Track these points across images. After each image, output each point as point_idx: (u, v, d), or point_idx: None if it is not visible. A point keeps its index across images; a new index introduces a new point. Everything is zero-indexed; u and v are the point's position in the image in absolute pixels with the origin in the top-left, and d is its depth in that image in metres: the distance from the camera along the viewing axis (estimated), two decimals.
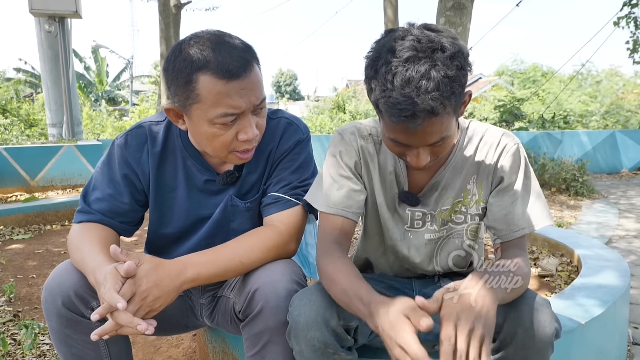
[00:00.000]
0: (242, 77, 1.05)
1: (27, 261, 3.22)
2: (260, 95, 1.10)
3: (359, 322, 1.12)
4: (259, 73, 1.10)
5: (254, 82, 1.07)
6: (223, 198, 1.26)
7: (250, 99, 1.07)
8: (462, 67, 0.91)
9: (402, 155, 1.04)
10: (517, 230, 1.12)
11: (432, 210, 1.19)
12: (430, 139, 0.96)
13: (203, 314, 1.37)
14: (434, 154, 1.02)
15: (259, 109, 1.11)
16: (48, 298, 1.12)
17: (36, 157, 5.51)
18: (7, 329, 2.16)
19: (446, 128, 0.95)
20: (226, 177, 1.23)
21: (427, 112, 0.89)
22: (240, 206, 1.25)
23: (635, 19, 6.81)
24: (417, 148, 0.99)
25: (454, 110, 0.95)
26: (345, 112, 14.78)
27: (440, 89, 0.88)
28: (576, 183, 5.99)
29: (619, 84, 14.88)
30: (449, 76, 0.89)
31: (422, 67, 0.88)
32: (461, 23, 2.54)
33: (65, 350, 1.16)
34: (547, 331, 0.96)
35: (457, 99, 0.93)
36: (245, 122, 1.10)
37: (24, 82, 16.94)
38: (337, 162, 1.17)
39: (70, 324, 1.12)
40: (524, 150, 1.15)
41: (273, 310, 1.06)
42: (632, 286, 2.49)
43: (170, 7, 7.64)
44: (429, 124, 0.92)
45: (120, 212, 1.23)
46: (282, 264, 1.15)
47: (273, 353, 1.09)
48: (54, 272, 1.15)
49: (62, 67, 6.86)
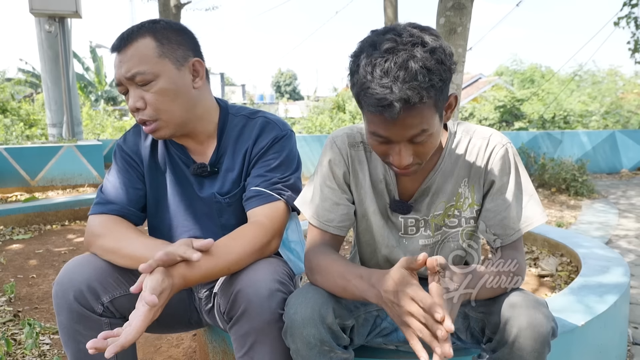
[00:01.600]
0: (121, 51, 1.14)
1: (27, 261, 3.22)
2: (132, 67, 1.13)
3: (355, 322, 1.13)
4: (142, 47, 1.14)
5: (129, 55, 1.14)
6: (207, 192, 1.29)
7: (121, 71, 1.14)
8: (442, 62, 0.92)
9: (386, 155, 1.03)
10: (513, 234, 1.12)
11: (425, 216, 1.18)
12: (409, 132, 0.95)
13: (202, 308, 1.38)
14: (417, 154, 1.00)
15: (139, 84, 1.14)
16: (59, 292, 1.14)
17: (36, 157, 5.52)
18: (7, 329, 2.16)
19: (427, 122, 0.95)
20: (197, 168, 1.28)
21: (404, 102, 0.89)
22: (222, 202, 1.28)
23: (636, 18, 6.80)
24: (398, 144, 0.98)
25: (435, 105, 0.95)
26: (345, 112, 14.77)
27: (418, 79, 0.89)
28: (576, 183, 5.99)
29: (619, 84, 14.88)
30: (427, 67, 0.90)
31: (399, 59, 0.89)
32: (461, 23, 2.54)
33: (73, 347, 1.17)
34: (543, 330, 0.96)
35: (437, 93, 0.93)
36: (129, 92, 1.16)
37: (24, 82, 16.92)
38: (325, 171, 1.19)
39: (80, 319, 1.14)
40: (514, 150, 1.14)
41: (257, 310, 1.06)
42: (632, 286, 2.49)
43: (170, 7, 7.64)
44: (407, 115, 0.92)
45: (134, 198, 1.30)
46: (264, 263, 1.15)
47: (260, 353, 1.09)
48: (64, 267, 1.18)
49: (62, 67, 6.86)
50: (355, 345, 1.18)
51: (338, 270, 1.04)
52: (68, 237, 3.89)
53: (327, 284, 1.06)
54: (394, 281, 0.91)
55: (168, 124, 1.19)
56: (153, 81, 1.14)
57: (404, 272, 0.91)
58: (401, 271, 0.92)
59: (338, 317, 1.03)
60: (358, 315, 1.18)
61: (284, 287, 1.11)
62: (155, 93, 1.15)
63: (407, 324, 0.89)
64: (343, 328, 1.06)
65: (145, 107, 1.16)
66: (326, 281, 1.06)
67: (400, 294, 0.90)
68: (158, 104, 1.16)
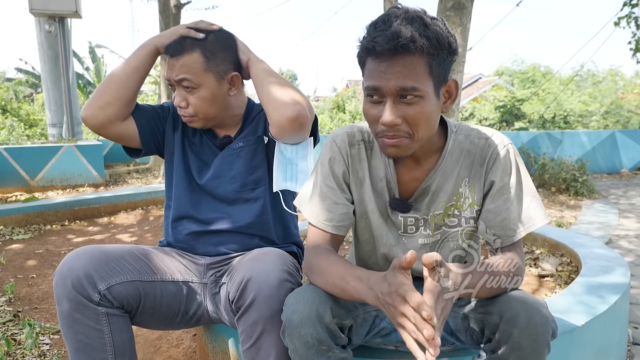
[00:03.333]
0: (174, 56, 1.37)
1: (27, 261, 3.22)
2: (181, 74, 1.35)
3: (353, 322, 1.13)
4: (191, 59, 1.35)
5: (180, 63, 1.36)
6: (224, 151, 1.48)
7: (172, 74, 1.37)
8: (440, 28, 0.98)
9: (377, 121, 1.02)
10: (513, 235, 1.12)
11: (425, 215, 1.18)
12: (399, 81, 0.96)
13: (206, 294, 1.40)
14: (407, 119, 1.00)
15: (185, 87, 1.37)
16: (59, 282, 1.20)
17: (36, 157, 5.52)
18: (7, 329, 2.16)
19: (417, 79, 0.97)
20: (223, 138, 1.48)
21: (397, 36, 0.94)
22: (234, 147, 1.45)
23: (636, 18, 6.80)
24: (388, 99, 0.99)
25: (428, 65, 0.98)
26: (345, 112, 14.78)
27: (414, 25, 0.95)
28: (576, 183, 5.98)
29: (619, 84, 14.88)
30: (424, 21, 0.97)
31: (398, 15, 0.97)
32: (461, 23, 2.54)
33: (72, 337, 1.20)
34: (542, 331, 0.96)
35: (431, 49, 0.96)
36: (177, 92, 1.40)
37: (25, 82, 16.91)
38: (324, 170, 1.19)
39: (78, 307, 1.19)
40: (515, 150, 1.14)
41: (266, 299, 1.09)
42: (632, 286, 2.49)
43: (170, 7, 7.64)
44: (399, 59, 0.96)
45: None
46: (274, 254, 1.21)
47: (268, 343, 1.11)
48: (64, 259, 1.24)
49: (62, 67, 6.87)
50: (354, 345, 1.18)
51: (337, 272, 1.04)
52: (68, 237, 3.89)
53: (325, 284, 1.06)
54: (389, 283, 0.91)
55: (203, 120, 1.42)
56: (196, 89, 1.37)
57: (398, 273, 0.91)
58: (395, 272, 0.91)
59: (336, 317, 1.04)
60: (357, 315, 1.18)
61: (292, 277, 1.16)
62: (196, 98, 1.38)
63: (402, 326, 0.89)
64: (341, 328, 1.06)
65: (187, 107, 1.39)
66: (325, 282, 1.06)
67: (394, 295, 0.90)
68: (197, 107, 1.39)
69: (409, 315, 0.87)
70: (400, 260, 0.90)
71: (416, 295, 0.88)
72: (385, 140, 1.03)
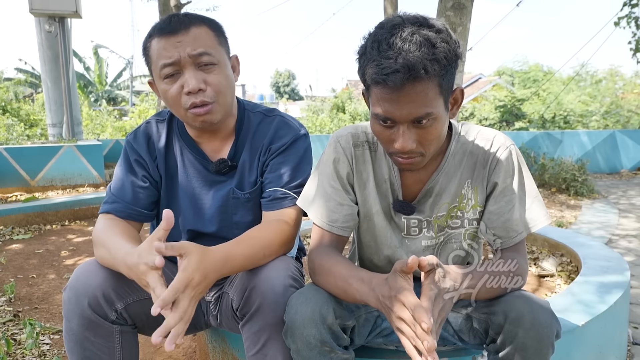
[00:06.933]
0: (179, 32, 1.14)
1: (27, 261, 3.22)
2: (198, 47, 1.15)
3: (355, 322, 1.13)
4: (203, 32, 1.17)
5: (192, 37, 1.15)
6: (223, 190, 1.30)
7: (186, 50, 1.14)
8: (447, 42, 0.93)
9: (389, 142, 1.02)
10: (515, 236, 1.12)
11: (428, 217, 1.18)
12: (414, 110, 0.95)
13: (210, 312, 1.37)
14: (421, 141, 1.00)
15: (203, 64, 1.16)
16: (72, 298, 1.12)
17: (36, 157, 5.51)
18: (7, 329, 2.16)
19: (431, 103, 0.95)
20: (219, 164, 1.28)
21: (408, 69, 0.89)
22: (240, 197, 1.29)
23: (636, 18, 6.80)
24: (402, 126, 0.98)
25: (439, 86, 0.95)
26: (345, 112, 14.77)
27: (422, 50, 0.90)
28: (576, 183, 5.98)
29: (619, 84, 14.87)
30: (431, 41, 0.91)
31: (405, 33, 0.91)
32: (461, 23, 2.54)
33: (79, 353, 1.15)
34: (547, 332, 0.96)
35: (441, 70, 0.93)
36: (187, 74, 1.15)
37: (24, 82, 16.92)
38: (329, 171, 1.18)
39: (91, 326, 1.13)
40: (518, 151, 1.14)
41: (271, 306, 1.07)
42: (632, 286, 2.49)
43: (170, 7, 7.64)
44: (411, 89, 0.92)
45: (140, 196, 1.29)
46: (278, 261, 1.17)
47: (274, 350, 1.09)
48: (77, 272, 1.16)
49: (62, 67, 6.86)
50: (356, 346, 1.17)
51: (340, 273, 1.03)
52: (68, 237, 3.89)
53: (328, 285, 1.06)
54: (390, 286, 0.91)
55: (221, 108, 1.21)
56: (217, 65, 1.18)
57: (399, 276, 0.91)
58: (396, 276, 0.92)
59: (339, 318, 1.03)
60: (359, 316, 1.18)
61: (297, 282, 1.13)
62: (218, 75, 1.18)
63: (400, 330, 0.89)
64: (344, 328, 1.06)
65: (206, 89, 1.17)
66: (328, 283, 1.06)
67: (392, 299, 0.90)
68: (220, 87, 1.19)
69: (406, 319, 0.87)
70: (402, 264, 0.90)
71: (414, 300, 0.88)
72: (400, 159, 1.04)
